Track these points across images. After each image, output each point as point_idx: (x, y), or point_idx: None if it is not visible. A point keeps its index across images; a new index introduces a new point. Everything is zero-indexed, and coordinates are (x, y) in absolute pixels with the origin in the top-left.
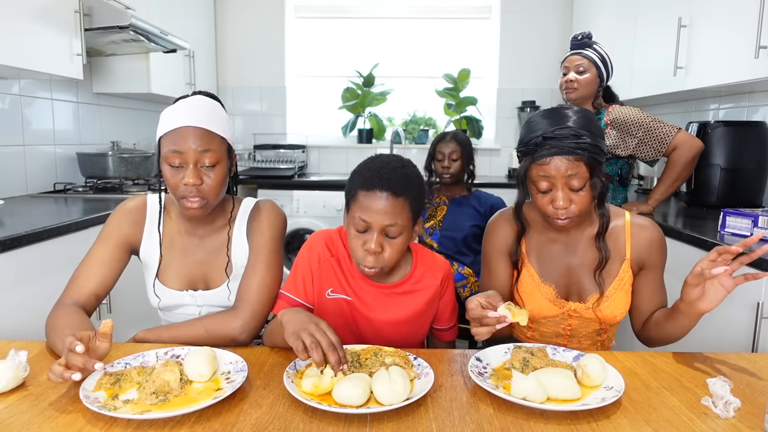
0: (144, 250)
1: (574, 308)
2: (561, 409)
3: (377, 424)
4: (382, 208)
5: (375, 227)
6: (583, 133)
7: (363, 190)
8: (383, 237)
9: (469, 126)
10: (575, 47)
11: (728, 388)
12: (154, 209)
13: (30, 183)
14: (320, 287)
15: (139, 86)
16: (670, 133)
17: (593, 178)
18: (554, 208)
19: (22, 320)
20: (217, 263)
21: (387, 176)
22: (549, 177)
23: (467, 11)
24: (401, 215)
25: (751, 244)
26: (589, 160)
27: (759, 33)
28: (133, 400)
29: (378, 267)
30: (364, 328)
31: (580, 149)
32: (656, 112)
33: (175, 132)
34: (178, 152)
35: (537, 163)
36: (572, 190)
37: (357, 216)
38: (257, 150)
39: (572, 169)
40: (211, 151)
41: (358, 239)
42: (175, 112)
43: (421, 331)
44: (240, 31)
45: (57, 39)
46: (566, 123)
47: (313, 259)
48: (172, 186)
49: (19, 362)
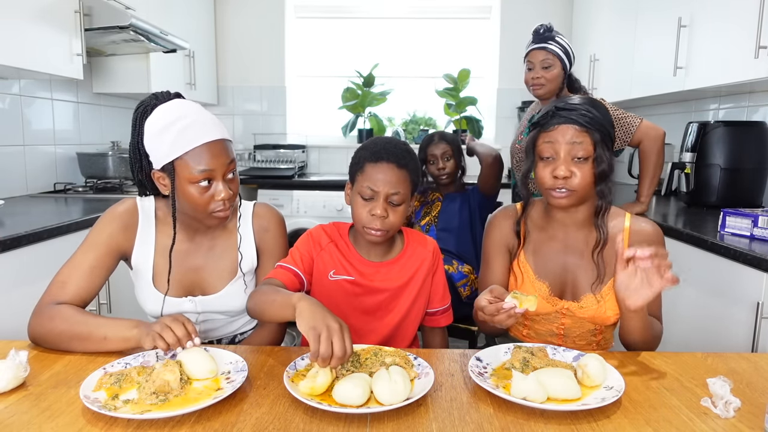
0: (136, 257)
1: (567, 307)
2: (561, 409)
3: (377, 424)
4: (388, 177)
5: (381, 194)
6: (594, 111)
7: (371, 162)
8: (387, 204)
9: (469, 126)
10: (538, 41)
11: (728, 388)
12: (145, 214)
13: (30, 183)
14: (322, 270)
15: (139, 86)
16: (634, 123)
17: (597, 154)
18: (554, 177)
19: (22, 320)
20: (217, 268)
21: (392, 150)
22: (553, 143)
23: (467, 11)
24: (403, 184)
25: None
26: (594, 135)
27: (759, 33)
28: (133, 400)
29: (384, 230)
30: (369, 304)
31: (587, 121)
32: (656, 112)
33: (200, 151)
34: (208, 170)
35: (545, 130)
36: (575, 160)
37: (365, 185)
38: (257, 150)
39: (577, 137)
40: (234, 160)
41: (364, 207)
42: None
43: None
44: (240, 31)
45: (57, 39)
46: (580, 102)
47: (314, 244)
48: (202, 204)
49: (20, 362)
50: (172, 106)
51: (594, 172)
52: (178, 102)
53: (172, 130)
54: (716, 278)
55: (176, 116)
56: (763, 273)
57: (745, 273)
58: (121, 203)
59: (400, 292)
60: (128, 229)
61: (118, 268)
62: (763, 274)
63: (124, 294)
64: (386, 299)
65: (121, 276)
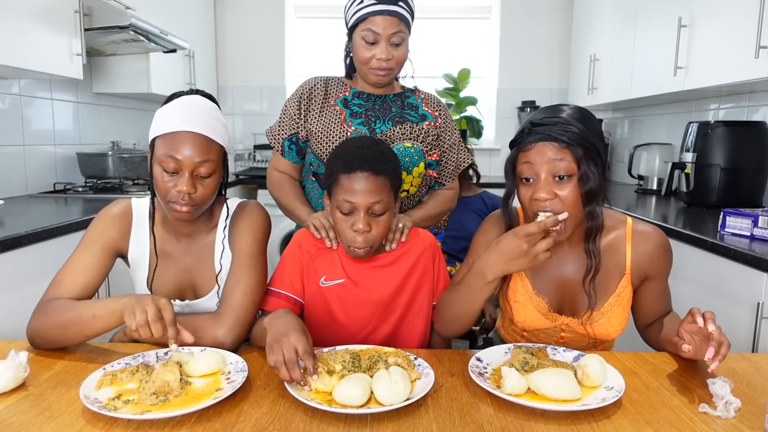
0: (132, 257)
1: (567, 322)
2: (561, 409)
3: (377, 424)
4: (365, 187)
5: (360, 207)
6: (573, 123)
7: (344, 173)
8: (369, 216)
9: (469, 126)
10: (386, 1)
11: (728, 388)
12: (140, 215)
13: (30, 183)
14: (312, 278)
15: (139, 86)
16: (466, 161)
17: (582, 172)
18: (535, 200)
19: (22, 320)
20: (204, 270)
21: (365, 156)
22: (532, 163)
23: (467, 11)
24: (383, 192)
25: None
26: (576, 150)
27: (759, 33)
28: (133, 401)
29: (367, 246)
30: (363, 307)
31: (566, 137)
32: (656, 112)
33: (173, 136)
34: (174, 158)
35: (522, 150)
36: (556, 180)
37: (341, 199)
38: (257, 150)
39: (557, 154)
40: (209, 161)
41: (345, 222)
42: (173, 114)
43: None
44: (240, 31)
45: (57, 39)
46: (558, 114)
47: (302, 252)
48: (162, 190)
49: (20, 362)
50: (186, 96)
51: (580, 192)
52: (196, 96)
53: (166, 112)
54: (716, 278)
55: (179, 103)
56: (763, 273)
57: (745, 273)
58: (116, 203)
59: (398, 289)
60: (124, 229)
61: (119, 268)
62: (763, 274)
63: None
64: (385, 298)
65: (121, 276)
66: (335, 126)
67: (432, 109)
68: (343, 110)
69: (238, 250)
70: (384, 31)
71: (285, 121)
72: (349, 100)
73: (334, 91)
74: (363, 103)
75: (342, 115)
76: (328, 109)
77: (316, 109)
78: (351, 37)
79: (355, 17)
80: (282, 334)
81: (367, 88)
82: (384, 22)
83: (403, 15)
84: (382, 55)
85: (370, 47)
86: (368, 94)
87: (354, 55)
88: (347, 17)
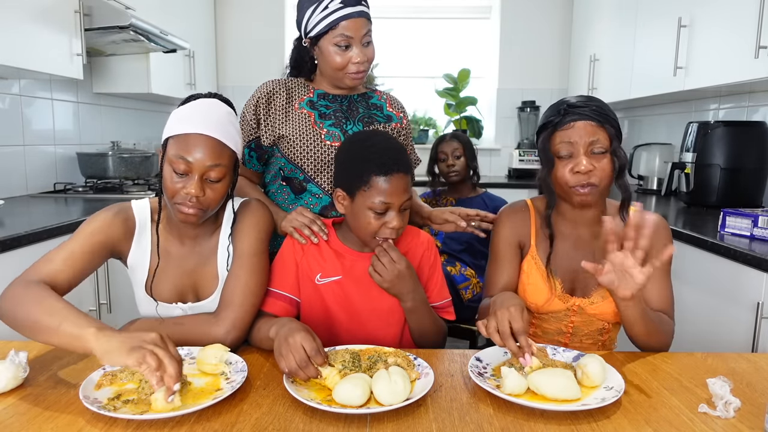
0: (132, 259)
1: (578, 304)
2: (561, 409)
3: (377, 424)
4: (401, 187)
5: (395, 206)
6: (604, 106)
7: (380, 175)
8: (401, 212)
9: (469, 126)
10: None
11: (728, 388)
12: (142, 218)
13: (30, 183)
14: (308, 275)
15: (139, 86)
16: (416, 163)
17: (614, 147)
18: (576, 173)
19: None
20: (207, 271)
21: (397, 158)
22: (572, 142)
23: (467, 11)
24: (410, 189)
25: None
26: (609, 129)
27: (759, 33)
28: (133, 400)
29: (395, 237)
30: (364, 303)
31: (601, 117)
32: (656, 112)
33: (186, 138)
34: (185, 160)
35: (561, 129)
36: (594, 155)
37: (377, 201)
38: None
39: (595, 134)
40: (220, 166)
41: (377, 220)
42: (188, 115)
43: None
44: (240, 31)
45: (57, 39)
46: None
47: (296, 250)
48: (171, 190)
49: (19, 363)
50: (204, 99)
51: (613, 166)
52: (213, 99)
53: (182, 113)
54: (716, 278)
55: (196, 106)
56: (763, 273)
57: (745, 273)
58: (117, 205)
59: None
60: (127, 231)
61: (119, 269)
62: (763, 274)
63: (124, 293)
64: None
65: (121, 276)
66: (306, 128)
67: (396, 111)
68: (311, 112)
69: (239, 249)
70: (356, 34)
71: (243, 127)
72: (314, 101)
73: (297, 93)
74: (330, 104)
75: (311, 117)
76: (293, 111)
77: (280, 113)
78: (314, 45)
79: (321, 25)
80: (287, 339)
81: (331, 88)
82: (355, 25)
83: (368, 13)
84: (358, 58)
85: (344, 52)
86: (333, 95)
87: (324, 62)
88: (307, 26)
